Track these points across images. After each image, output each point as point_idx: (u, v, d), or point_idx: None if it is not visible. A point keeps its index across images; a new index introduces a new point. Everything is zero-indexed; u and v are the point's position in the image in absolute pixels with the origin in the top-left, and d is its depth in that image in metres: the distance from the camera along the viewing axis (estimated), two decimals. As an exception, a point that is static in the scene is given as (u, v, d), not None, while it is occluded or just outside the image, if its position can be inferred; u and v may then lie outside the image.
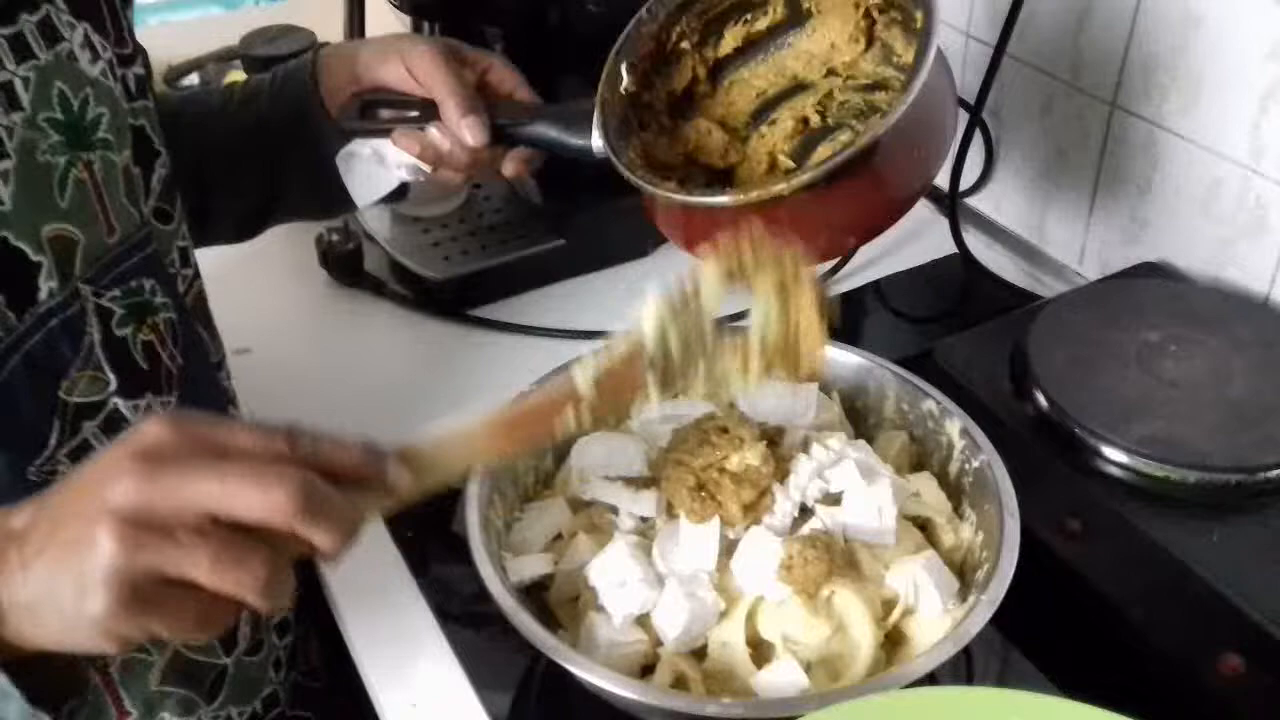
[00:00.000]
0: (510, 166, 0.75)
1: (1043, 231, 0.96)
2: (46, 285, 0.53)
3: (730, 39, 0.73)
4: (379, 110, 0.72)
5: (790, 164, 0.71)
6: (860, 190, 0.61)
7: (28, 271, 0.52)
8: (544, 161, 0.77)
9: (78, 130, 0.55)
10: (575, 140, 0.69)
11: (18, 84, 0.52)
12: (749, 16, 0.73)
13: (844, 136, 0.71)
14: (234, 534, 0.40)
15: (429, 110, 0.71)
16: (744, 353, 0.50)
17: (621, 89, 0.69)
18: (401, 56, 0.71)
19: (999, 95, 0.94)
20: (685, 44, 0.72)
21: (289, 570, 0.42)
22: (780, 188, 0.59)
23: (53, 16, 0.55)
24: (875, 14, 0.69)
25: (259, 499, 0.40)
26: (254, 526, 0.40)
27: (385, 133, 0.72)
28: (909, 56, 0.65)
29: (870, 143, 0.58)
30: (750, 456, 0.60)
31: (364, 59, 0.73)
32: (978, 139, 0.95)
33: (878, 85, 0.70)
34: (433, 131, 0.71)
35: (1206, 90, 0.78)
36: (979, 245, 0.97)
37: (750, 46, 0.74)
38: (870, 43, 0.71)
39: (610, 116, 0.68)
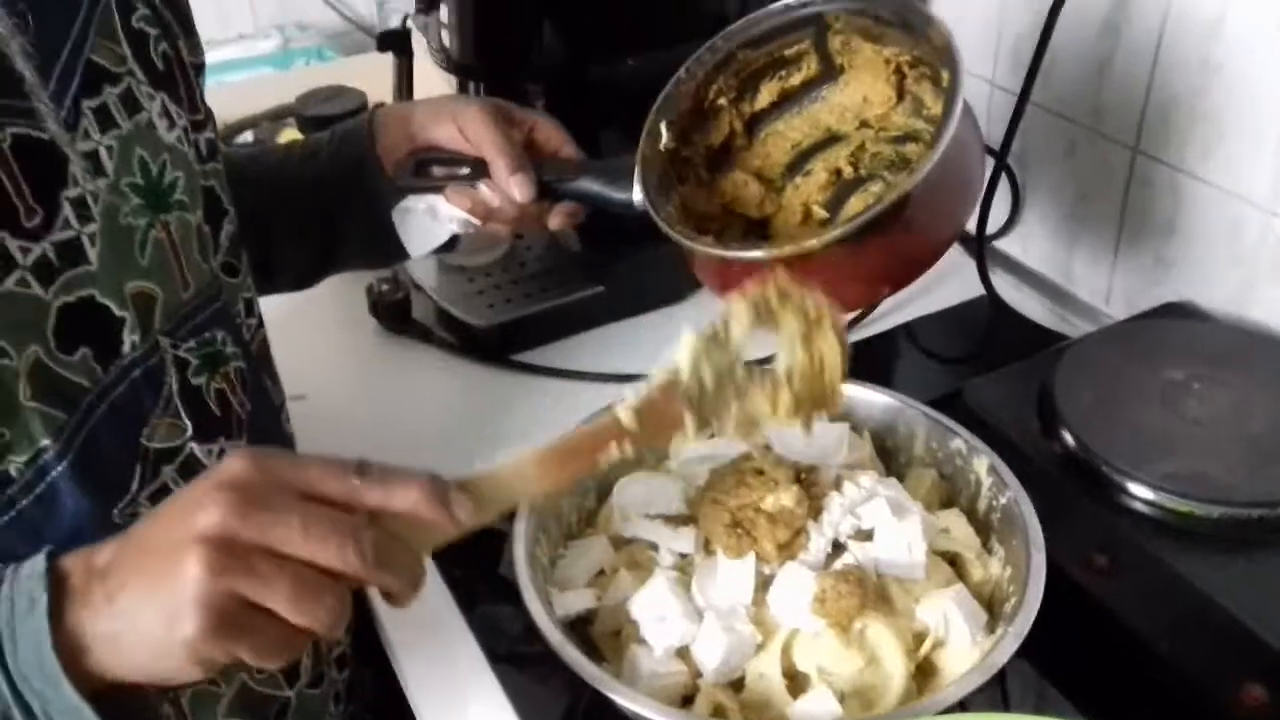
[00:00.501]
0: (556, 220, 0.78)
1: (1070, 273, 0.98)
2: (130, 339, 0.57)
3: (766, 94, 0.76)
4: (432, 168, 0.76)
5: (824, 214, 0.74)
6: (891, 242, 0.63)
7: (113, 326, 0.56)
8: (587, 214, 0.80)
9: (156, 193, 0.59)
10: (618, 195, 0.72)
11: (103, 152, 0.56)
12: (784, 73, 0.75)
13: (876, 188, 0.74)
14: (309, 570, 0.43)
15: (479, 168, 0.75)
16: (773, 390, 0.53)
17: (661, 146, 0.72)
18: (453, 117, 0.75)
19: (1024, 141, 0.97)
20: (722, 100, 0.75)
21: (350, 603, 0.45)
22: (812, 244, 0.61)
23: (133, 88, 0.59)
24: (905, 69, 0.72)
25: (336, 551, 0.44)
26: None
27: (438, 189, 0.76)
28: (938, 109, 0.67)
29: (899, 198, 0.61)
30: (785, 499, 0.63)
31: (418, 119, 0.77)
32: (1004, 184, 0.98)
33: (909, 137, 0.73)
34: (483, 188, 0.75)
35: (1226, 134, 0.80)
36: (1008, 287, 0.99)
37: (785, 100, 0.77)
38: (901, 96, 0.73)
39: (650, 173, 0.71)
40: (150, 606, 0.43)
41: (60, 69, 0.55)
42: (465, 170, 0.75)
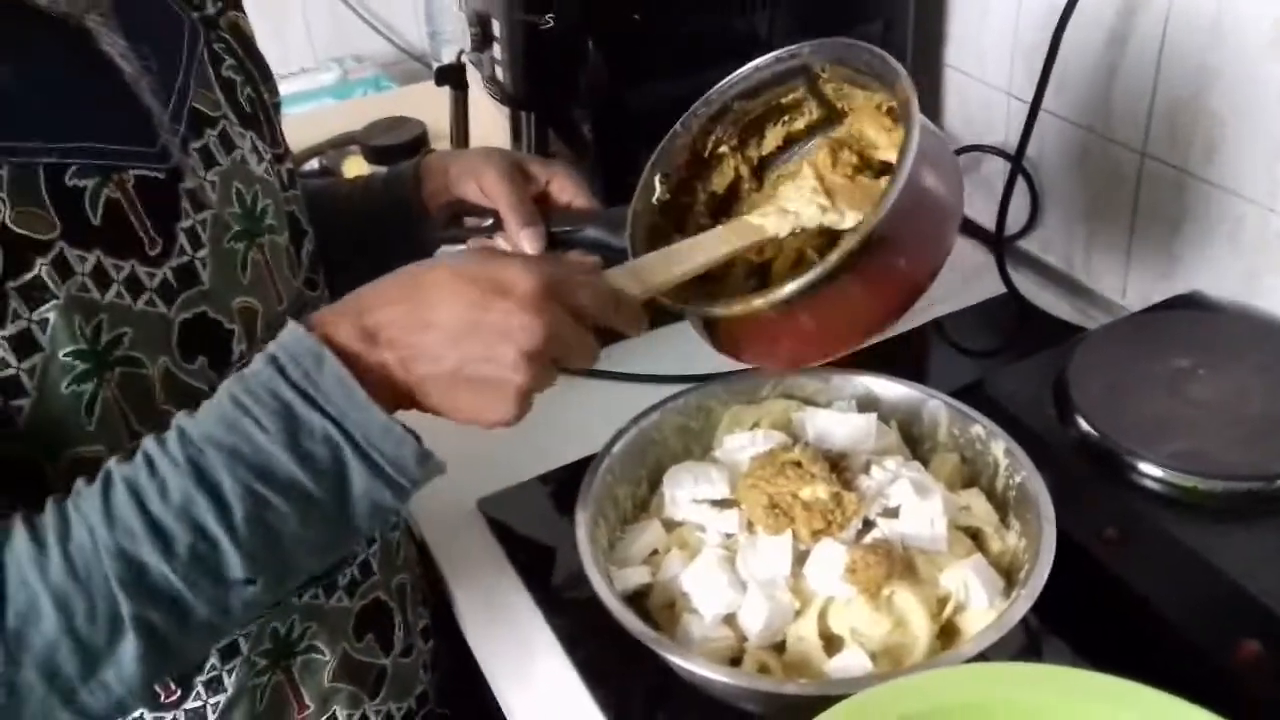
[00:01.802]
0: None
1: (1088, 268, 1.04)
2: (238, 348, 0.65)
3: (772, 138, 0.77)
4: (465, 217, 0.81)
5: (815, 258, 0.72)
6: (849, 292, 0.64)
7: (224, 338, 0.64)
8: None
9: (252, 219, 0.67)
10: (618, 243, 0.75)
11: (207, 187, 0.64)
12: (786, 118, 0.77)
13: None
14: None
15: (500, 221, 0.79)
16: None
17: (653, 199, 0.75)
18: (475, 174, 0.80)
19: (1041, 146, 1.03)
20: (724, 148, 0.77)
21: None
22: (759, 303, 0.64)
23: (228, 129, 0.68)
24: (895, 115, 0.71)
25: (599, 308, 0.60)
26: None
27: (463, 240, 0.81)
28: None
29: (837, 263, 0.62)
30: (820, 491, 0.69)
31: (452, 173, 0.82)
32: (1021, 187, 1.04)
33: None
34: (499, 240, 0.80)
35: (1226, 137, 0.86)
36: (1030, 284, 1.05)
37: (792, 144, 0.78)
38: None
39: (639, 227, 0.73)
40: (469, 393, 0.56)
41: (170, 113, 0.63)
42: (488, 222, 0.80)
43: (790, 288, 0.62)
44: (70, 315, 0.56)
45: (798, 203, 0.71)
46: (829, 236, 0.72)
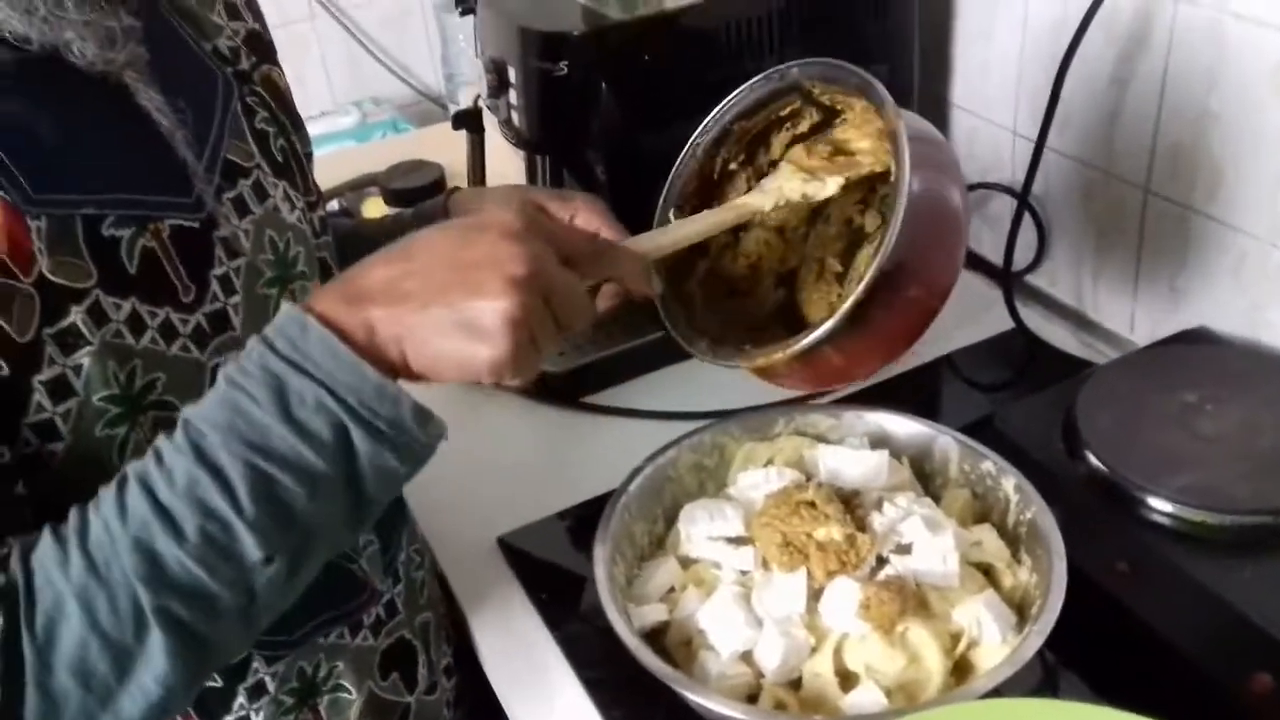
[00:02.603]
0: (605, 302, 0.82)
1: (1096, 304, 1.05)
2: None
3: (778, 145, 0.78)
4: None
5: (838, 268, 0.77)
6: (879, 322, 0.66)
7: None
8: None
9: (284, 266, 0.69)
10: None
11: (241, 235, 0.66)
12: (789, 124, 0.77)
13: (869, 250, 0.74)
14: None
15: None
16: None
17: None
18: (506, 209, 0.83)
19: (1047, 184, 1.05)
20: (733, 165, 0.78)
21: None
22: (779, 356, 0.67)
23: (260, 179, 0.70)
24: None
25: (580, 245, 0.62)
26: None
27: None
28: None
29: (850, 311, 0.64)
30: (835, 532, 0.70)
31: (479, 210, 0.84)
32: (1029, 223, 1.06)
33: None
34: None
35: (1226, 175, 0.87)
36: (1039, 319, 1.07)
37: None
38: None
39: (661, 265, 0.74)
40: (458, 332, 0.55)
41: (205, 163, 0.66)
42: None
43: (805, 341, 0.64)
44: (105, 361, 0.58)
45: (778, 180, 0.73)
46: (849, 241, 0.74)
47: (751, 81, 0.75)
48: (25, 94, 0.58)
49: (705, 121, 0.77)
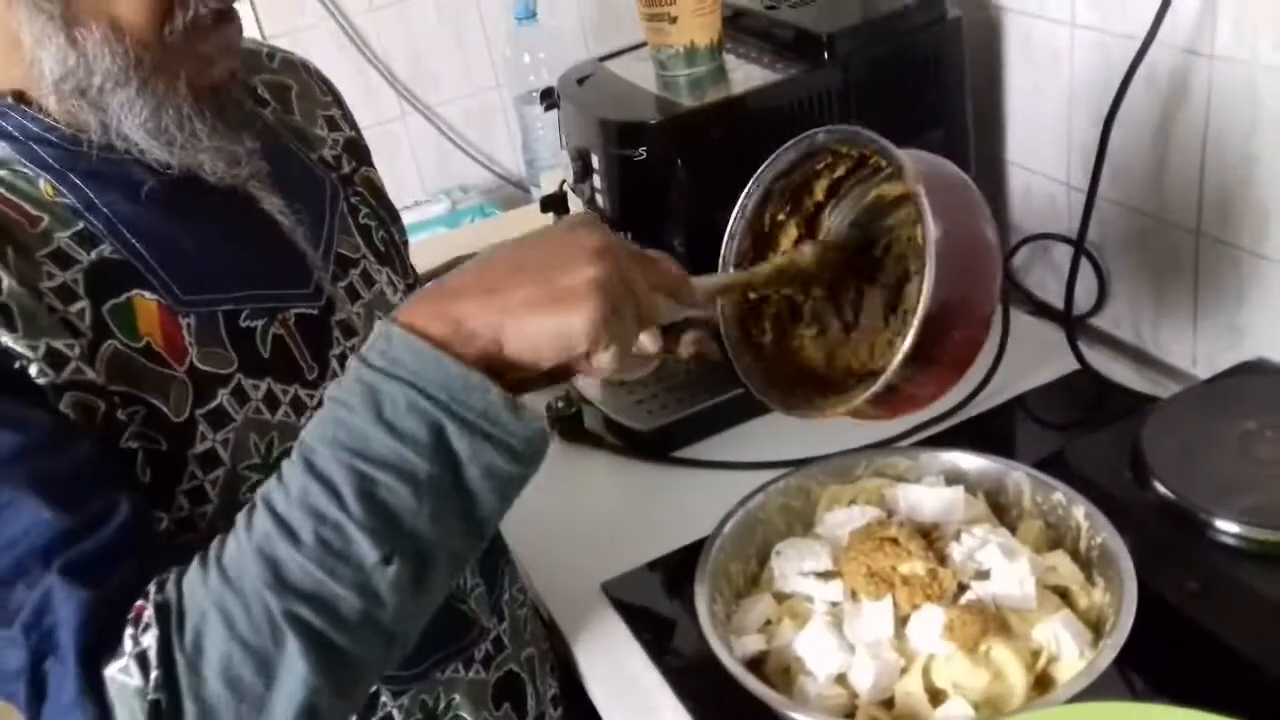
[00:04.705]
0: (685, 350, 0.85)
1: (1157, 341, 1.10)
2: None
3: (819, 189, 0.80)
4: None
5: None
6: (925, 366, 0.69)
7: None
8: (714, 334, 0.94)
9: None
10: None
11: (354, 318, 0.76)
12: (827, 170, 0.80)
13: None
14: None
15: None
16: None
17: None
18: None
19: (1103, 231, 1.11)
20: (781, 215, 0.81)
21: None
22: (841, 409, 0.70)
23: (367, 268, 0.80)
24: None
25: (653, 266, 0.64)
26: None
27: None
28: None
29: (895, 373, 0.67)
30: (918, 567, 0.76)
31: None
32: (1088, 269, 1.11)
33: None
34: None
35: (1271, 215, 0.93)
36: (1103, 358, 1.12)
37: (838, 188, 0.81)
38: None
39: (731, 328, 0.80)
40: (551, 304, 0.57)
41: (320, 256, 0.76)
42: None
43: (860, 399, 0.69)
44: (247, 434, 0.68)
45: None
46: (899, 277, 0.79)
47: (784, 146, 0.79)
48: (170, 211, 0.69)
49: (748, 186, 0.82)
